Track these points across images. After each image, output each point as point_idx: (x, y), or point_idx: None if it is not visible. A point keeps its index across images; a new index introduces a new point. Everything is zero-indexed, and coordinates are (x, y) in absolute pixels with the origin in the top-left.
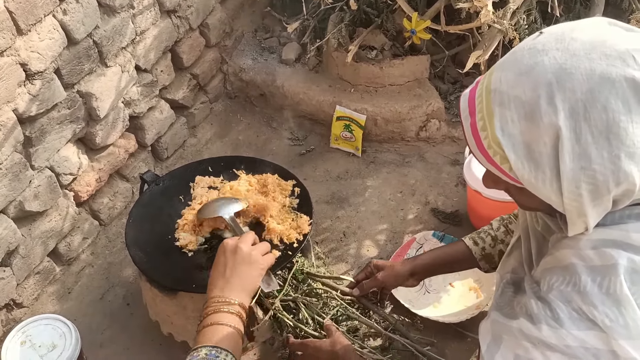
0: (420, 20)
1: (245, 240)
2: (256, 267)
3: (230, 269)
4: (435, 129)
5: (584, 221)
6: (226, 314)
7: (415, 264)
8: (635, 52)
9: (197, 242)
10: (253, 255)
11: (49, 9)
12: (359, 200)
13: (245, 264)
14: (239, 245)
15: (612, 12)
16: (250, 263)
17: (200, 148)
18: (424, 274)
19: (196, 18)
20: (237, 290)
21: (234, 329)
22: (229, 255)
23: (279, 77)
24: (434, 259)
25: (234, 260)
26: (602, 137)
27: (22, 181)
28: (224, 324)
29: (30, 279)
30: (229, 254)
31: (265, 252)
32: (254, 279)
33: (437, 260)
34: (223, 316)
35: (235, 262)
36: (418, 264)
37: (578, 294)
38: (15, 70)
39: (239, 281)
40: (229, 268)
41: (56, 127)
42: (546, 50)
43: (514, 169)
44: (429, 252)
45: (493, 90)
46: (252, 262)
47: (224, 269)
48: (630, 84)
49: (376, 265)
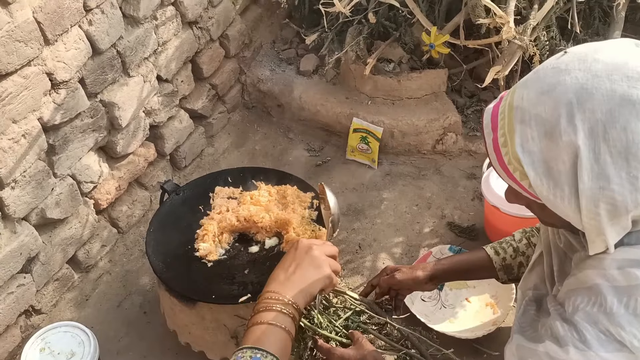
0: (439, 35)
1: (321, 246)
2: (322, 273)
3: (296, 266)
4: (452, 142)
5: (603, 240)
6: (279, 314)
7: (435, 269)
8: None
9: (217, 252)
10: (322, 261)
11: (75, 20)
12: (374, 212)
13: (313, 267)
14: (312, 246)
15: (631, 29)
16: (318, 267)
17: (217, 157)
18: (442, 279)
19: (217, 29)
20: (296, 290)
21: (285, 331)
22: (300, 253)
23: (296, 88)
24: (453, 264)
25: (302, 259)
26: (621, 158)
27: (44, 189)
28: (275, 325)
29: (49, 286)
30: (300, 251)
31: (336, 269)
32: (315, 284)
33: (456, 266)
34: (275, 315)
35: (303, 262)
36: (438, 268)
37: (605, 315)
38: (42, 80)
39: (300, 281)
40: (294, 265)
41: (79, 135)
42: (569, 70)
43: (533, 185)
44: (448, 258)
45: (515, 108)
46: (320, 266)
47: (290, 264)
48: None
49: (394, 267)
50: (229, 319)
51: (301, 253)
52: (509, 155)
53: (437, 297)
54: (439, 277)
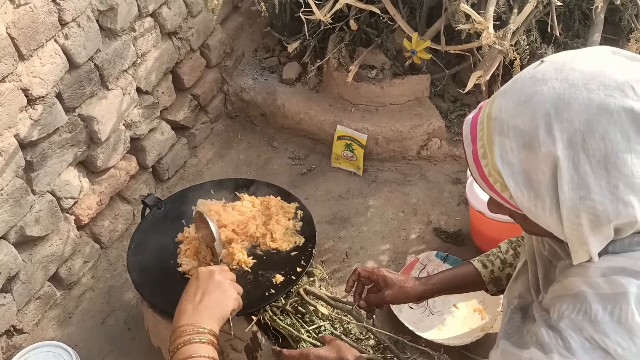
0: (420, 41)
1: (222, 271)
2: (229, 296)
3: (201, 294)
4: (436, 147)
5: (586, 250)
6: (199, 345)
7: (426, 290)
8: (635, 82)
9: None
10: (227, 285)
11: (50, 34)
12: (361, 220)
13: (220, 291)
14: (214, 272)
15: (611, 30)
16: (225, 291)
17: (201, 168)
18: (433, 296)
19: (197, 39)
20: (207, 317)
21: (210, 359)
22: (202, 281)
23: (279, 96)
24: (443, 282)
25: (207, 286)
26: (601, 167)
27: (23, 206)
28: (199, 356)
29: (30, 305)
30: (202, 279)
31: (239, 291)
32: (225, 306)
33: (446, 285)
34: (196, 347)
35: (208, 288)
36: (428, 289)
37: (589, 323)
38: (17, 96)
39: (210, 307)
40: (200, 293)
41: (57, 151)
42: (546, 79)
43: (514, 197)
44: (438, 276)
45: (494, 119)
46: (226, 290)
47: (195, 294)
48: (629, 115)
49: (384, 280)
50: None
51: (204, 280)
52: (489, 166)
53: (425, 304)
54: (429, 295)
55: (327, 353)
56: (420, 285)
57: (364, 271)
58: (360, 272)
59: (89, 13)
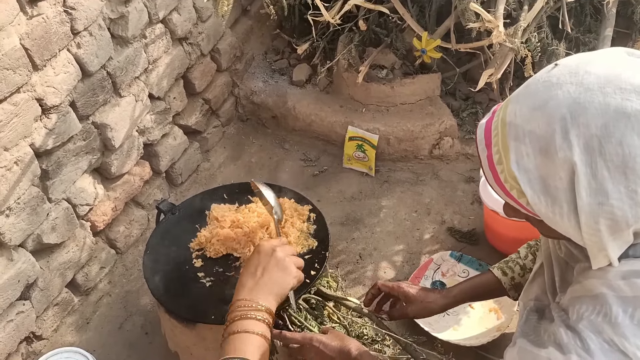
0: (430, 40)
1: (282, 246)
2: (289, 274)
3: (262, 270)
4: (448, 146)
5: (605, 255)
6: (253, 321)
7: (447, 303)
8: None
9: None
10: (288, 262)
11: (63, 44)
12: (374, 220)
13: (279, 269)
14: (275, 248)
15: (623, 24)
16: (285, 268)
17: (213, 172)
18: (454, 306)
19: (207, 44)
20: (266, 294)
21: (262, 337)
22: (263, 257)
23: (290, 98)
24: (465, 293)
25: (268, 262)
26: (619, 172)
27: (39, 215)
28: (252, 332)
29: (49, 311)
30: (263, 255)
31: (299, 264)
32: (285, 285)
33: (468, 295)
34: (250, 323)
35: (268, 265)
36: (450, 302)
37: (609, 325)
38: (32, 106)
39: (270, 284)
40: (260, 269)
41: (72, 159)
42: (560, 84)
43: (530, 203)
44: (459, 287)
45: (508, 124)
46: (286, 268)
47: (256, 269)
48: None
49: (405, 296)
50: None
51: (265, 256)
52: (505, 173)
53: None
54: (451, 307)
55: (329, 340)
56: (442, 298)
57: (384, 286)
58: (380, 287)
59: (100, 22)
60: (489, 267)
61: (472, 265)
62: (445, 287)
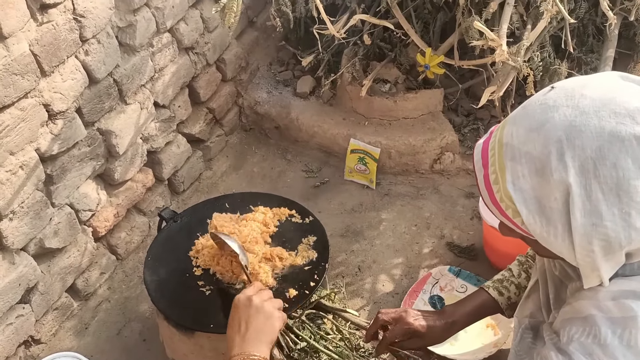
0: (433, 56)
1: (258, 294)
2: (272, 318)
3: (245, 323)
4: (449, 161)
5: (598, 275)
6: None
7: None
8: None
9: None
10: (267, 307)
11: (71, 51)
12: (373, 233)
13: (262, 317)
14: (251, 298)
15: (625, 45)
16: (266, 314)
17: (216, 181)
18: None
19: (213, 54)
20: (256, 344)
21: None
22: (243, 311)
23: (293, 110)
24: (469, 317)
25: (248, 315)
26: (613, 194)
27: (42, 219)
28: None
29: (48, 315)
30: (242, 309)
31: (279, 305)
32: (271, 329)
33: (471, 319)
34: None
35: (250, 317)
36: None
37: (599, 347)
38: (39, 111)
39: (256, 334)
40: (244, 323)
41: (76, 164)
42: (557, 106)
43: (525, 223)
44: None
45: (505, 145)
46: (267, 313)
47: (239, 325)
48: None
49: (414, 332)
50: None
51: (245, 309)
52: (501, 192)
53: None
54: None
55: None
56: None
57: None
58: (382, 322)
59: (108, 30)
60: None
61: (470, 280)
62: (443, 301)
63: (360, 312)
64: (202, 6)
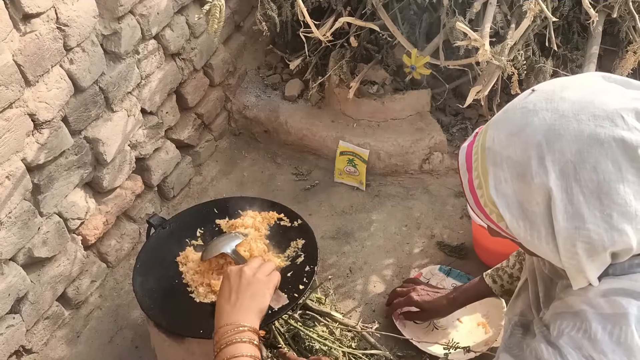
0: (419, 56)
1: (248, 264)
2: (262, 287)
3: (235, 292)
4: (438, 161)
5: (584, 276)
6: (240, 345)
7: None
8: (624, 111)
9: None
10: (257, 276)
11: (56, 60)
12: (364, 234)
13: (251, 286)
14: (242, 269)
15: (610, 42)
16: (256, 283)
17: (206, 186)
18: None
19: (200, 59)
20: (245, 313)
21: (251, 357)
22: (234, 280)
23: (282, 113)
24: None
25: (239, 284)
26: (594, 197)
27: (31, 228)
28: (240, 356)
29: (39, 324)
30: (233, 278)
31: (269, 271)
32: (262, 298)
33: (470, 298)
34: (237, 348)
35: (240, 286)
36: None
37: (589, 341)
38: (24, 121)
39: (246, 304)
40: (234, 292)
41: (64, 173)
42: (536, 110)
43: (509, 227)
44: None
45: (487, 149)
46: (257, 282)
47: (229, 294)
48: (620, 144)
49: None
50: None
51: (235, 278)
52: (485, 197)
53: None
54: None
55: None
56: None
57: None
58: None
59: (93, 38)
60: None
61: (461, 279)
62: None
63: (351, 314)
64: (188, 12)
